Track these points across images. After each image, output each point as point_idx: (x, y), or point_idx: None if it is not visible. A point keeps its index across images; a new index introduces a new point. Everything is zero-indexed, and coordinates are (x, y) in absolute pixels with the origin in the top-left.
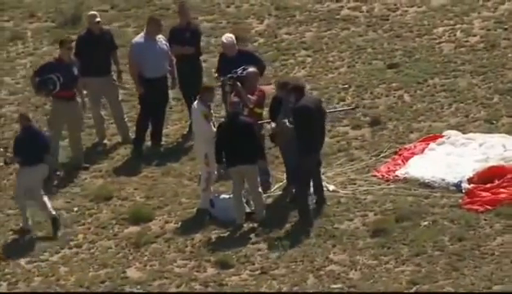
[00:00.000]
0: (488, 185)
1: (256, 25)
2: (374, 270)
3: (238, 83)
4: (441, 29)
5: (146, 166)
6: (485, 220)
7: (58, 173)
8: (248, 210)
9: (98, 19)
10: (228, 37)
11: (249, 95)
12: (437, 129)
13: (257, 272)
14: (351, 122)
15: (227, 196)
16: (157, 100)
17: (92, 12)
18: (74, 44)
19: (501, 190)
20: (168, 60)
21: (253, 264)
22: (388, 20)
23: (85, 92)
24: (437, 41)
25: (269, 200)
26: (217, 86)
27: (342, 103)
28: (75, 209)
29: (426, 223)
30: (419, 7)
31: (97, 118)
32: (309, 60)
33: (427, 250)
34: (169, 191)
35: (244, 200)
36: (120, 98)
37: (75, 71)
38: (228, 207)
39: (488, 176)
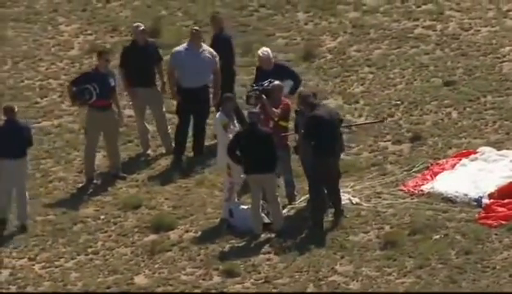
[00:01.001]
0: (506, 201)
1: (329, 42)
2: (374, 281)
3: (263, 96)
4: (507, 49)
5: (183, 176)
6: (496, 234)
7: (95, 182)
8: (266, 221)
9: (142, 27)
10: (264, 50)
11: (274, 108)
12: (476, 146)
13: (260, 281)
14: (393, 137)
15: (246, 206)
16: (195, 111)
17: (138, 23)
18: (110, 55)
19: None
20: (212, 73)
21: (260, 273)
22: (458, 38)
23: (130, 103)
24: (500, 60)
25: (292, 211)
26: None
27: (390, 119)
28: (102, 217)
29: (437, 236)
30: (492, 27)
31: (141, 129)
32: (370, 76)
33: (431, 262)
34: (198, 201)
35: (265, 212)
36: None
37: (112, 82)
38: (247, 217)
39: (508, 192)
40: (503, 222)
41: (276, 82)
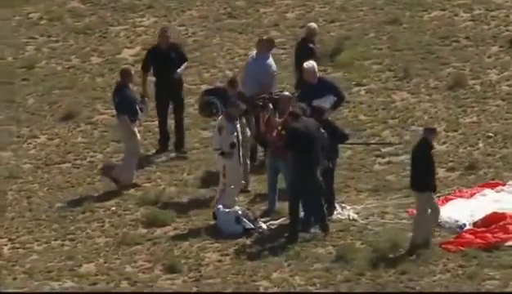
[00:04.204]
0: (480, 229)
1: (491, 75)
2: (293, 289)
3: (270, 105)
4: None
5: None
6: (448, 259)
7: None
8: (248, 226)
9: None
10: (309, 63)
11: (278, 119)
12: None
13: (190, 280)
14: (453, 164)
15: (227, 210)
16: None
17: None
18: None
19: (486, 235)
20: (260, 82)
21: (199, 272)
22: None
23: None
24: None
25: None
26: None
27: (469, 148)
28: (113, 208)
29: (392, 256)
30: None
31: None
32: (493, 109)
33: (362, 278)
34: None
35: (250, 218)
36: None
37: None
38: (229, 221)
39: (490, 221)
40: (462, 248)
41: (285, 93)
